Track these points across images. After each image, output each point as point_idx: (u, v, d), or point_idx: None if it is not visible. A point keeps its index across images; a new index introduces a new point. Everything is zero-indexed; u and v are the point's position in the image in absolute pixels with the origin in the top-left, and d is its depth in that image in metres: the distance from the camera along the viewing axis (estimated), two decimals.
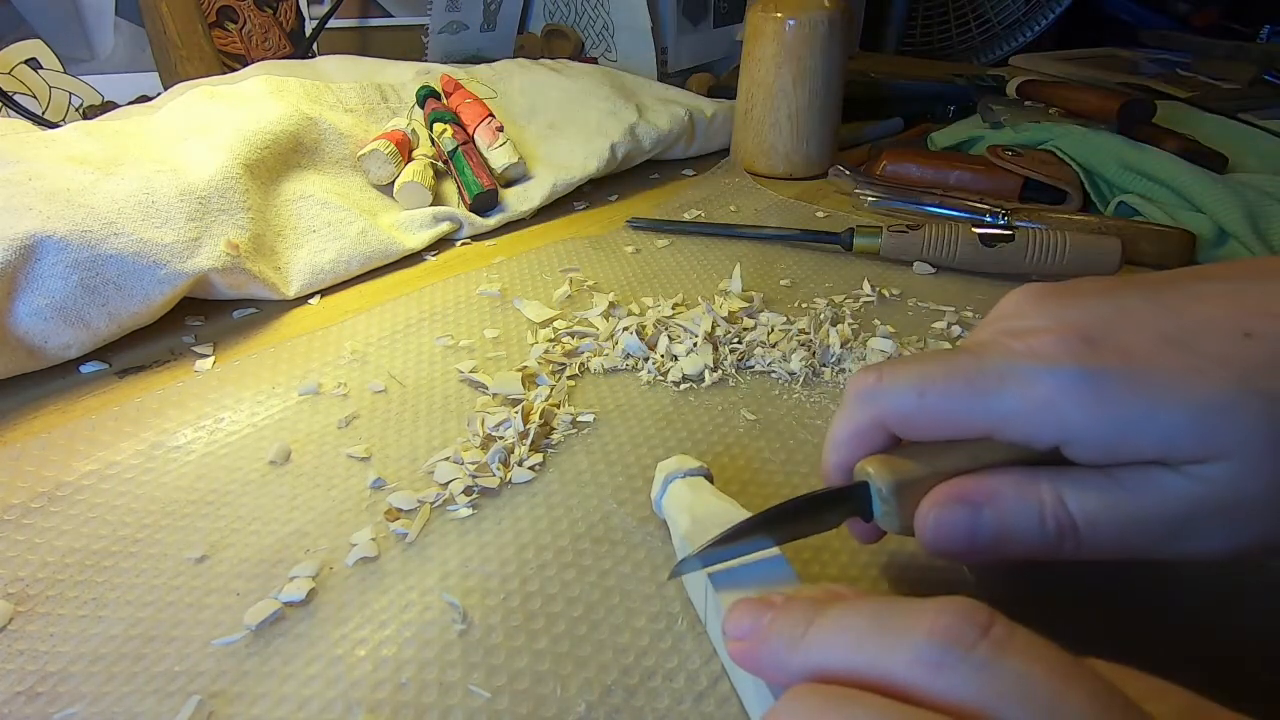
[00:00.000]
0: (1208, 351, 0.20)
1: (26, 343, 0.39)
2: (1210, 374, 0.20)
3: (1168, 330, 0.21)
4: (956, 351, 0.23)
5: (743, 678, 0.23)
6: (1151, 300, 0.22)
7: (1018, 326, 0.23)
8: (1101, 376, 0.21)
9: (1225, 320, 0.21)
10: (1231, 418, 0.20)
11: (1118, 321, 0.22)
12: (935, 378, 0.23)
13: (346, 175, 0.58)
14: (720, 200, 0.67)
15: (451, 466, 0.34)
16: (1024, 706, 0.16)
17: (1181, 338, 0.21)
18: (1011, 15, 1.33)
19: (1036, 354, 0.21)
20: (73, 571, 0.29)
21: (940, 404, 0.23)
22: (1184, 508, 0.21)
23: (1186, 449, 0.20)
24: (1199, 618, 0.27)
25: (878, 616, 0.19)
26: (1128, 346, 0.21)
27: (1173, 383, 0.20)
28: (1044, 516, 0.22)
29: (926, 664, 0.17)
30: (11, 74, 0.67)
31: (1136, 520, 0.21)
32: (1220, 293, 0.21)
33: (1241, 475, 0.20)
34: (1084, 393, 0.21)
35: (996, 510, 0.22)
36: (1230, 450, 0.20)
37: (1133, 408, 0.20)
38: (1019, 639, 0.17)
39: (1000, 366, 0.22)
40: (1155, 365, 0.20)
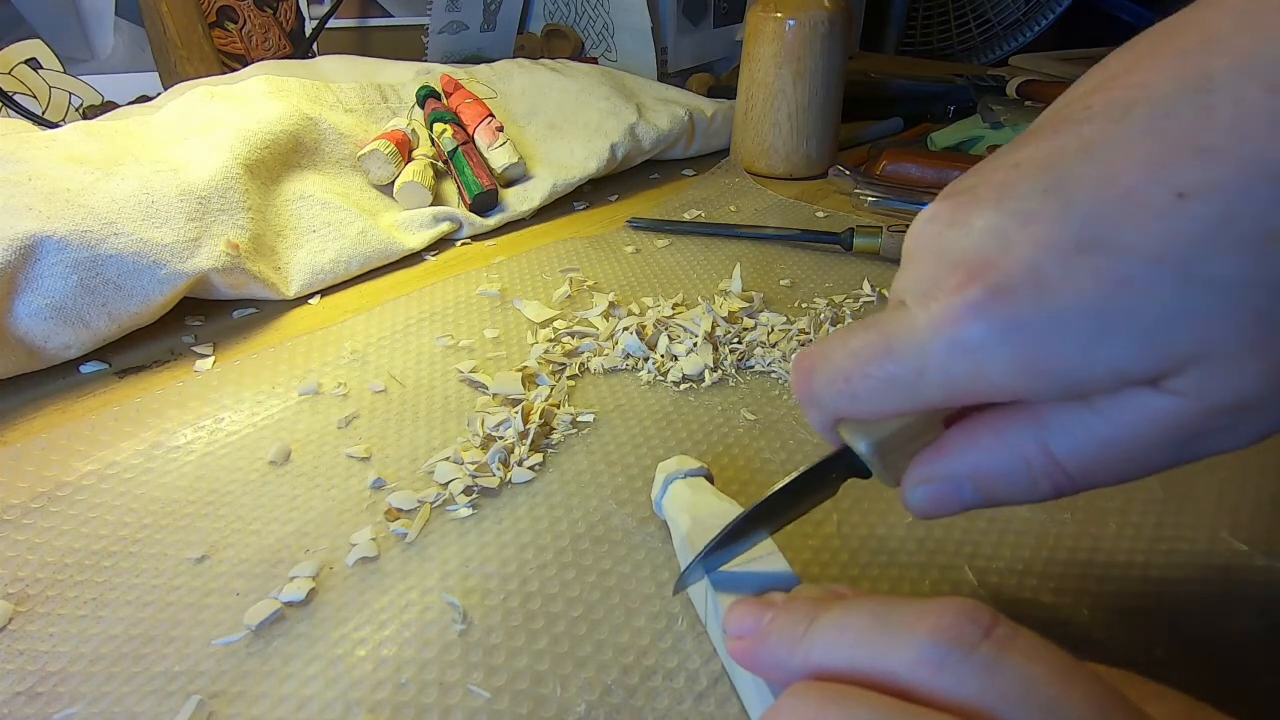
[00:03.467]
0: (1131, 244, 0.16)
1: (26, 343, 0.39)
2: (1141, 280, 0.16)
3: (1080, 234, 0.17)
4: (870, 331, 0.20)
5: (743, 677, 0.23)
6: (1055, 192, 0.18)
7: (918, 280, 0.20)
8: (1020, 327, 0.17)
9: (1148, 181, 0.16)
10: (1182, 325, 0.16)
11: (1020, 240, 0.18)
12: (855, 376, 0.20)
13: (346, 175, 0.58)
14: (720, 200, 0.67)
15: (451, 466, 0.34)
16: (1025, 707, 0.16)
17: (1098, 238, 0.17)
18: (1011, 15, 1.33)
19: (941, 324, 0.18)
20: (73, 571, 0.29)
21: (874, 400, 0.20)
22: (1173, 425, 0.18)
23: (1145, 371, 0.17)
24: (1198, 618, 0.27)
25: (879, 616, 0.19)
26: (1039, 275, 0.17)
27: (1100, 306, 0.17)
28: (1033, 474, 0.20)
29: (929, 664, 0.17)
30: (11, 74, 0.67)
31: (1128, 448, 0.19)
32: (1141, 132, 0.17)
33: (1220, 376, 0.17)
34: (1007, 352, 0.18)
35: (981, 480, 0.20)
36: (1195, 356, 0.17)
37: (1067, 349, 0.17)
38: (1021, 640, 0.17)
39: (912, 350, 0.19)
40: (1075, 290, 0.17)
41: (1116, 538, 0.31)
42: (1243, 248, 0.16)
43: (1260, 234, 0.16)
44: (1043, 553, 0.30)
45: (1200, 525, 0.32)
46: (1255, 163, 0.16)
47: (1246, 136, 0.16)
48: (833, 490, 0.24)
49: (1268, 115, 0.16)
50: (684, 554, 0.28)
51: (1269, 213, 0.16)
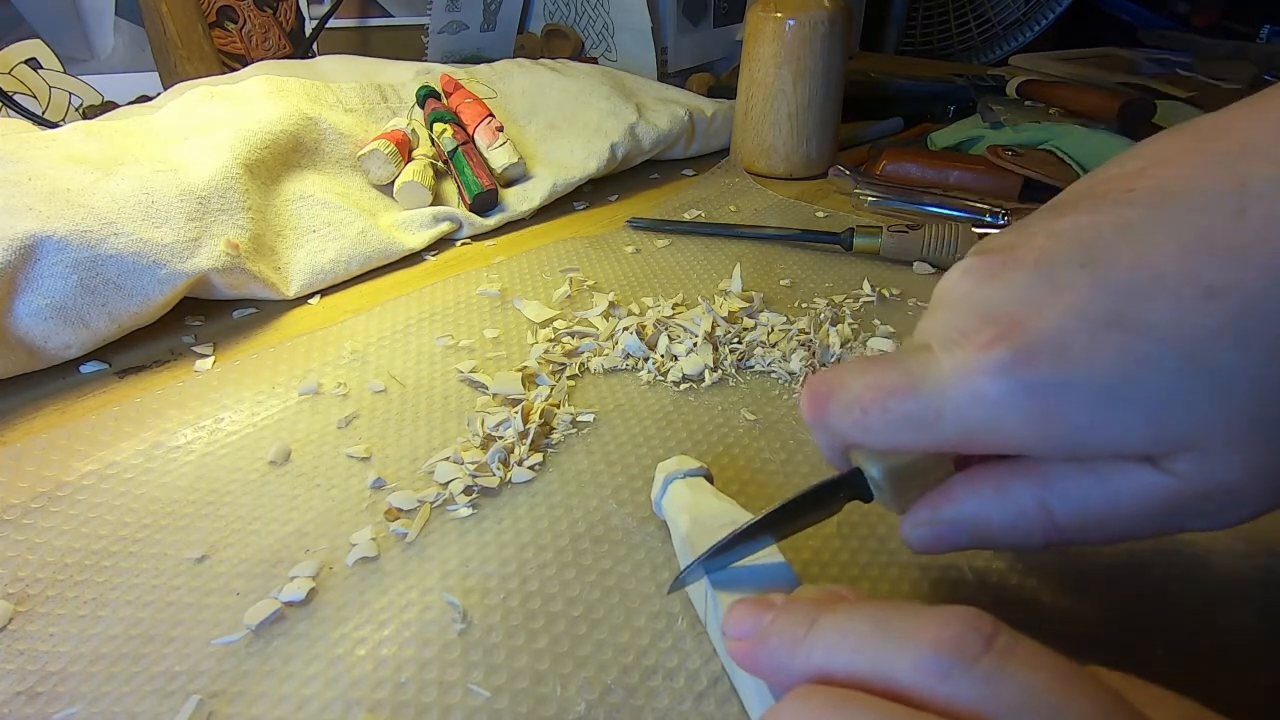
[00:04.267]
0: (1154, 326, 0.18)
1: (26, 343, 0.39)
2: (1156, 360, 0.18)
3: (1108, 310, 0.18)
4: (893, 368, 0.21)
5: (743, 678, 0.23)
6: (1091, 266, 0.19)
7: (947, 327, 0.21)
8: (1038, 389, 0.19)
9: (1179, 275, 0.18)
10: (1185, 409, 0.18)
11: (1051, 306, 0.19)
12: (873, 409, 0.21)
13: (346, 175, 0.58)
14: (720, 200, 0.67)
15: (451, 466, 0.34)
16: (1028, 716, 0.16)
17: (1125, 316, 0.18)
18: (1011, 15, 1.33)
19: (966, 373, 0.20)
20: (73, 571, 0.29)
21: (887, 434, 0.21)
22: (1162, 501, 0.19)
23: (1144, 447, 0.19)
24: (1198, 618, 0.27)
25: (880, 622, 0.19)
26: (1063, 342, 0.18)
27: (1117, 381, 0.18)
28: (1029, 527, 0.21)
29: (931, 674, 0.17)
30: (11, 74, 0.67)
31: (1120, 516, 0.20)
32: (1178, 224, 0.18)
33: (1212, 464, 0.18)
34: (1023, 410, 0.19)
35: (979, 528, 0.22)
36: (1192, 441, 0.18)
37: (1078, 415, 0.19)
38: (1023, 649, 0.17)
39: (933, 392, 0.20)
40: (1095, 362, 0.18)
41: None
42: (1251, 344, 0.17)
43: (1271, 335, 0.17)
44: (1042, 556, 0.30)
45: None
46: (1277, 267, 0.17)
47: (1274, 244, 0.17)
48: (836, 509, 0.25)
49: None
50: (684, 554, 0.28)
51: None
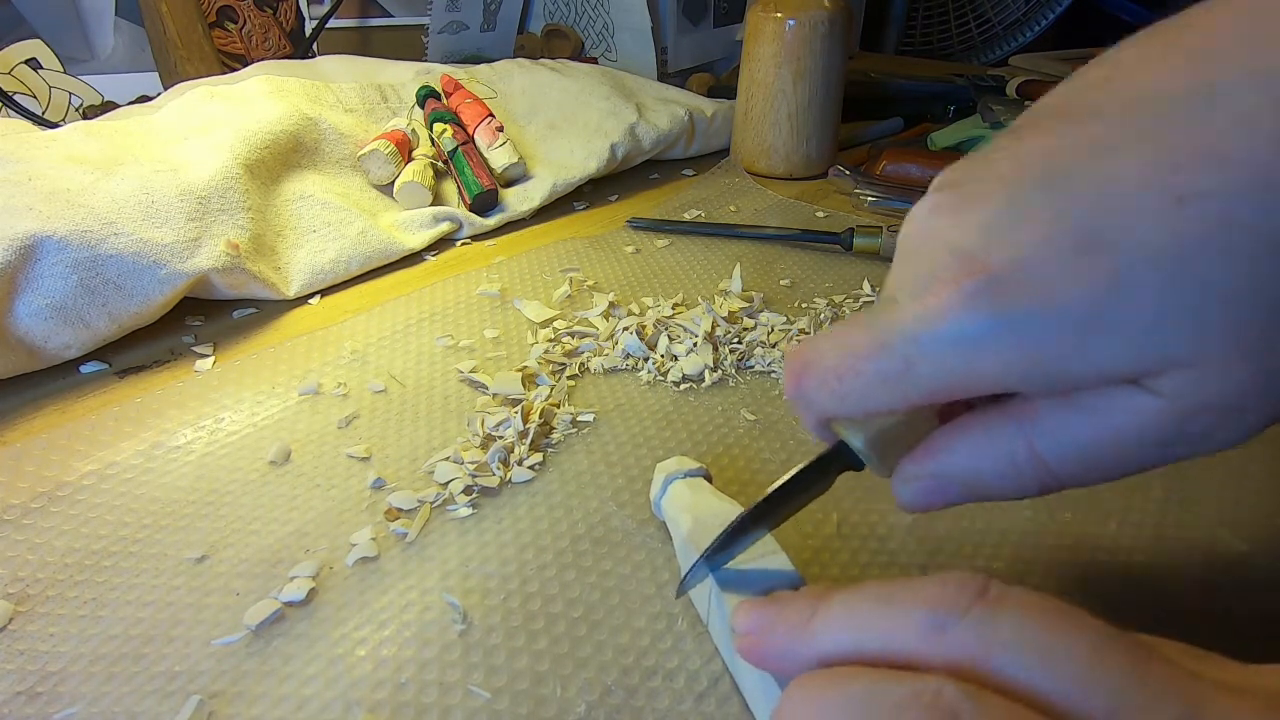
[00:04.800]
0: (1129, 244, 0.17)
1: (26, 343, 0.39)
2: (1135, 281, 0.16)
3: (1080, 232, 0.17)
4: (861, 327, 0.20)
5: (747, 676, 0.23)
6: (1059, 189, 0.18)
7: (914, 274, 0.20)
8: (1013, 322, 0.17)
9: (1151, 188, 0.16)
10: (1171, 328, 0.17)
11: (1019, 235, 0.18)
12: (846, 375, 0.20)
13: (346, 175, 0.58)
14: (720, 200, 0.67)
15: (451, 466, 0.34)
16: (1023, 653, 0.16)
17: (1097, 236, 0.17)
18: (1011, 15, 1.33)
19: (935, 316, 0.18)
20: (73, 571, 0.29)
21: (864, 397, 0.20)
22: (1156, 425, 0.18)
23: (1132, 370, 0.17)
24: (1198, 618, 0.27)
25: (880, 597, 0.19)
26: (1035, 271, 0.17)
27: (1094, 305, 0.17)
28: (1020, 473, 0.20)
29: (927, 631, 0.17)
30: (11, 74, 0.67)
31: (1112, 448, 0.19)
32: (1144, 134, 0.17)
33: (1204, 380, 0.17)
34: (998, 346, 0.18)
35: (969, 479, 0.21)
36: (1185, 359, 0.17)
37: (1058, 344, 0.17)
38: (1015, 595, 0.17)
39: (902, 343, 0.19)
40: (1070, 287, 0.17)
41: (1117, 537, 0.31)
42: (1237, 255, 0.16)
43: (1256, 242, 0.16)
44: (1043, 553, 0.30)
45: (1200, 525, 0.32)
46: (1254, 170, 0.16)
47: (1247, 146, 0.16)
48: (828, 484, 0.24)
49: (1269, 125, 0.16)
50: (685, 554, 0.28)
51: (1264, 222, 0.16)
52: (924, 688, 0.16)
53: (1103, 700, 0.16)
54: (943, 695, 0.16)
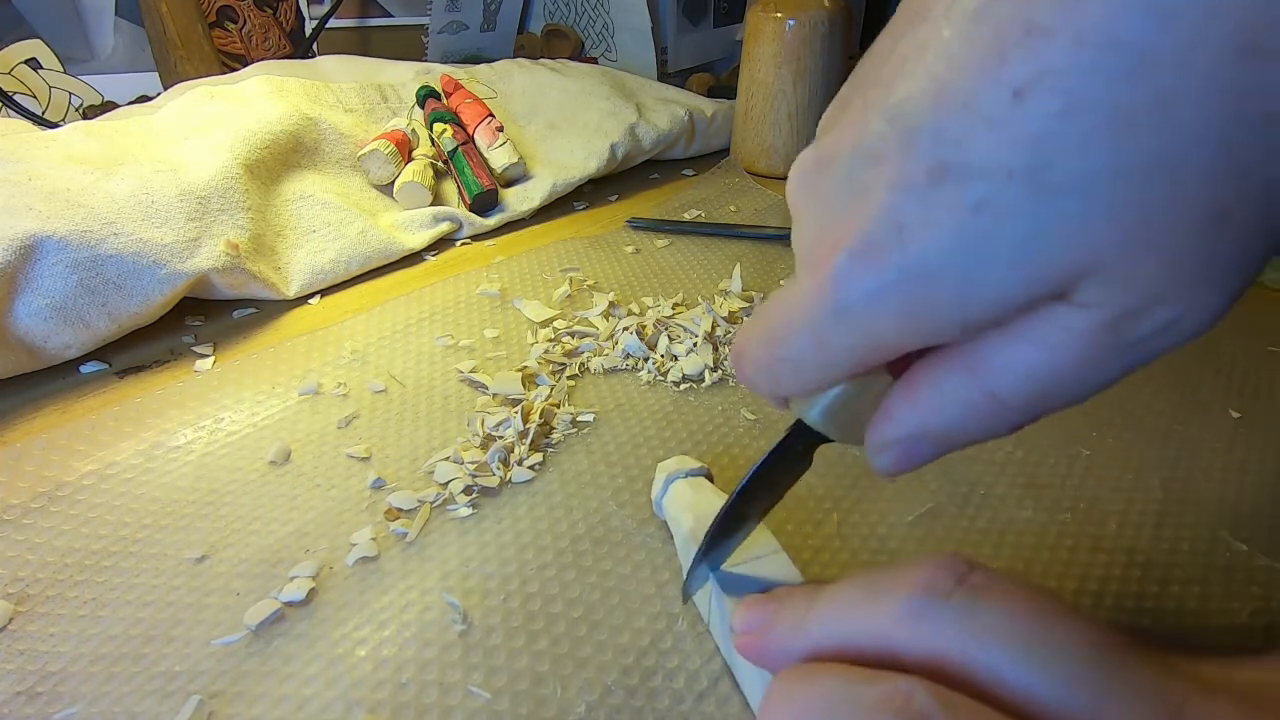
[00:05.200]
0: (978, 161, 0.15)
1: (26, 343, 0.39)
2: (996, 201, 0.14)
3: (928, 164, 0.15)
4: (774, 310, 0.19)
5: (747, 674, 0.23)
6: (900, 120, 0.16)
7: (799, 243, 0.19)
8: (892, 285, 0.16)
9: (982, 83, 0.14)
10: (1053, 239, 0.14)
11: (875, 185, 0.16)
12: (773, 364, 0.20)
13: (346, 175, 0.58)
14: (720, 200, 0.67)
15: (451, 466, 0.34)
16: (1004, 641, 0.16)
17: (945, 164, 0.15)
18: None
19: (820, 296, 0.17)
20: (73, 571, 0.29)
21: (795, 381, 0.20)
22: (1095, 337, 0.16)
23: (1032, 293, 0.15)
24: (1198, 618, 0.27)
25: (867, 584, 0.19)
26: (896, 222, 0.16)
27: (962, 241, 0.15)
28: (981, 417, 0.18)
29: (910, 617, 0.17)
30: (11, 74, 0.67)
31: (1065, 370, 0.17)
32: (971, 21, 0.15)
33: (1115, 281, 0.15)
34: (889, 312, 0.16)
35: (935, 435, 0.19)
36: (1081, 267, 0.15)
37: (946, 292, 0.16)
38: (997, 581, 0.17)
39: (805, 328, 0.18)
40: (934, 229, 0.15)
41: (1116, 537, 0.31)
42: (1094, 139, 0.14)
43: (1109, 118, 0.13)
44: (1043, 553, 0.30)
45: (1200, 525, 0.32)
46: (1092, 34, 0.13)
47: (1078, 5, 0.13)
48: (807, 462, 0.24)
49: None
50: (686, 554, 0.28)
51: (1114, 91, 0.13)
52: (895, 690, 0.16)
53: (1083, 697, 0.16)
54: (913, 700, 0.16)
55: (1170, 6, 0.13)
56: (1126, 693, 0.16)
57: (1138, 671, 0.16)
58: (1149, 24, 0.13)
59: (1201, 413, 0.39)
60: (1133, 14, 0.13)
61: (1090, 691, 0.16)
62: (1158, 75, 0.13)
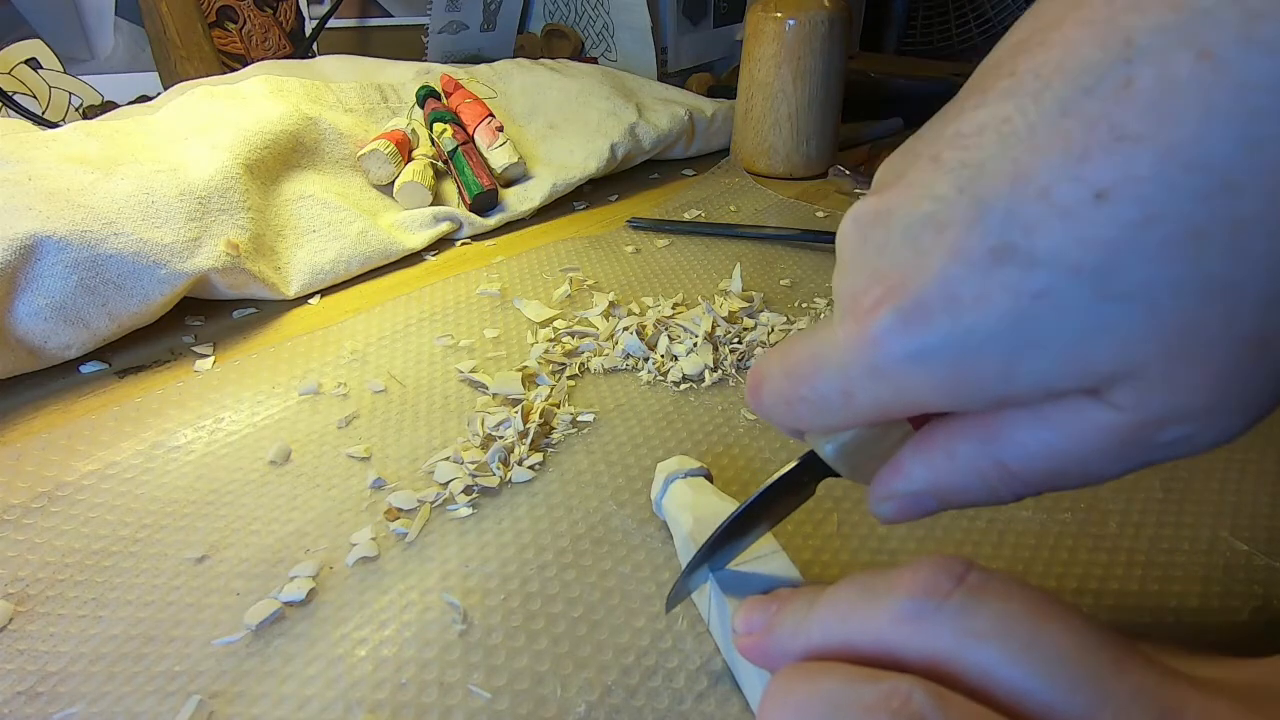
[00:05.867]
0: (1047, 252, 0.15)
1: (26, 343, 0.39)
2: (1058, 294, 0.15)
3: (995, 243, 0.15)
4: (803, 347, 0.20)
5: (748, 674, 0.23)
6: (971, 190, 0.16)
7: (842, 290, 0.19)
8: (935, 350, 0.16)
9: (1064, 178, 0.14)
10: (1103, 341, 0.15)
11: (934, 250, 0.16)
12: (793, 399, 0.20)
13: (346, 175, 0.58)
14: (720, 200, 0.67)
15: (451, 466, 0.34)
16: (1002, 643, 0.16)
17: (1012, 247, 0.15)
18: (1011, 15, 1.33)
19: (859, 347, 0.17)
20: (73, 571, 0.29)
21: (815, 419, 0.20)
22: (1115, 436, 0.16)
23: (1070, 386, 0.16)
24: (1197, 618, 0.27)
25: (866, 585, 0.19)
26: (952, 291, 0.16)
27: (1017, 323, 0.15)
28: (990, 485, 0.19)
29: (907, 619, 0.17)
30: (11, 74, 0.67)
31: (1080, 457, 0.17)
32: (1059, 113, 0.15)
33: (1155, 391, 0.15)
34: (927, 375, 0.17)
35: (941, 494, 0.20)
36: (1121, 372, 0.15)
37: (987, 367, 0.16)
38: (995, 582, 0.17)
39: (837, 372, 0.18)
40: (990, 306, 0.15)
41: (1117, 537, 0.31)
42: (1166, 253, 0.14)
43: (1183, 235, 0.14)
44: (1043, 553, 0.30)
45: (1200, 525, 0.32)
46: (1180, 150, 0.13)
47: (1170, 118, 0.13)
48: (810, 492, 0.24)
49: (1196, 90, 0.13)
50: (686, 554, 0.28)
51: (1194, 209, 0.14)
52: (894, 690, 0.16)
53: (1082, 698, 0.16)
54: (911, 700, 0.16)
55: (1261, 136, 0.13)
56: (1126, 694, 0.16)
57: (1137, 672, 0.16)
58: (1239, 150, 0.13)
59: None
60: (1226, 137, 0.13)
61: (1089, 692, 0.16)
62: (1238, 201, 0.13)
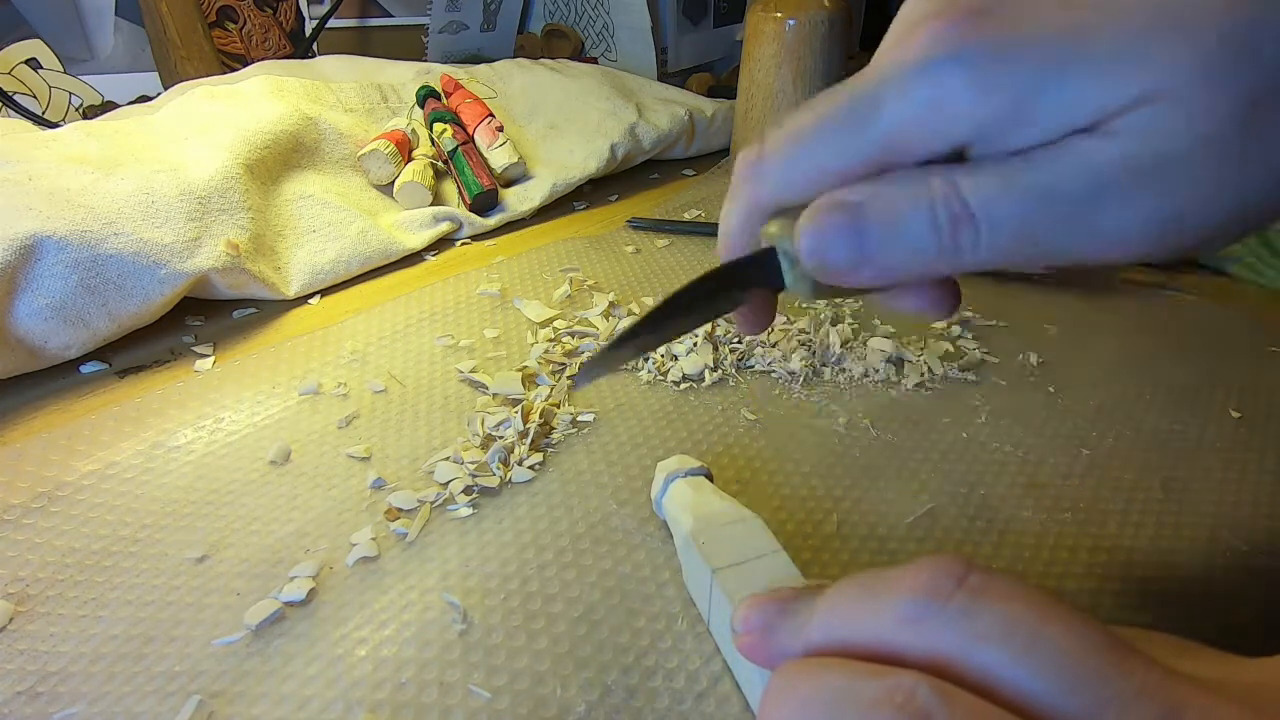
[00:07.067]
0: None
1: (26, 343, 0.39)
2: (1122, 17, 0.16)
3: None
4: (834, 89, 0.20)
5: (747, 673, 0.23)
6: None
7: (901, 30, 0.19)
8: (989, 54, 0.17)
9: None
10: (1150, 56, 0.16)
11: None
12: (809, 130, 0.20)
13: (346, 175, 0.58)
14: (720, 200, 0.67)
15: (451, 466, 0.34)
16: (1004, 644, 0.16)
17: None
18: None
19: (911, 54, 0.18)
20: (73, 571, 0.29)
21: (823, 155, 0.19)
22: (1099, 171, 0.17)
23: (1102, 104, 0.17)
24: (1198, 618, 0.27)
25: (866, 586, 0.19)
26: (1013, 8, 0.17)
27: (1079, 36, 0.17)
28: (934, 208, 0.18)
29: (909, 621, 0.17)
30: (11, 74, 0.67)
31: (1043, 197, 0.17)
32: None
33: (1167, 119, 0.16)
34: (970, 77, 0.17)
35: (880, 206, 0.19)
36: (1152, 93, 0.16)
37: (1032, 76, 0.17)
38: (996, 583, 0.17)
39: (874, 85, 0.19)
40: (1045, 19, 0.17)
41: (1116, 537, 0.31)
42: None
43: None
44: (1043, 553, 0.30)
45: (1200, 525, 0.32)
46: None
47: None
48: (742, 301, 0.22)
49: None
50: (686, 553, 0.28)
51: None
52: (898, 686, 0.16)
53: (1083, 699, 0.16)
54: (916, 695, 0.16)
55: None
56: (1127, 694, 0.16)
57: (1139, 673, 0.16)
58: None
59: (1202, 413, 0.39)
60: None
61: (1090, 693, 0.16)
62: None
